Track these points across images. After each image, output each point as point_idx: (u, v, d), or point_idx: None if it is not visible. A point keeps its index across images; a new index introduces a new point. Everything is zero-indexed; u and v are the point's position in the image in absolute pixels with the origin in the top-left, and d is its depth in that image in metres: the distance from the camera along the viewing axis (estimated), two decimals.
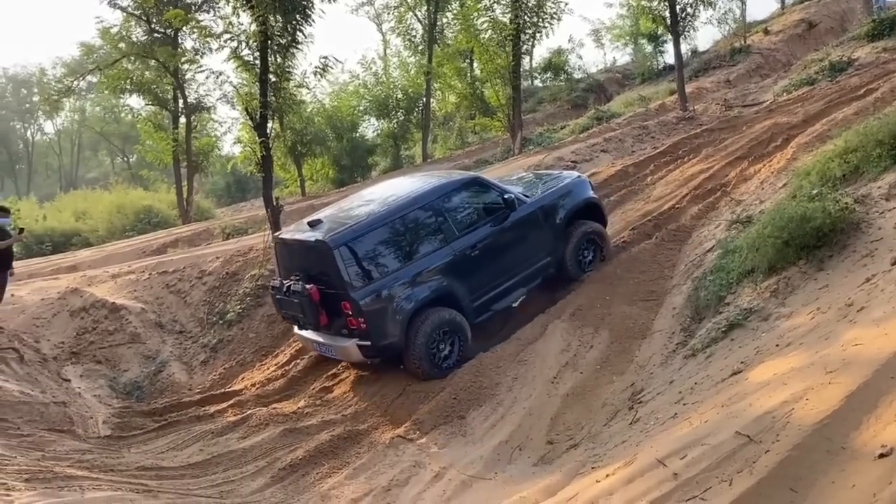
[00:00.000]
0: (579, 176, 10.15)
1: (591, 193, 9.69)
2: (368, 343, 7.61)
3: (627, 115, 20.55)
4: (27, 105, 66.54)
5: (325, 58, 13.70)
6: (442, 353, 7.93)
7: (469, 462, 6.09)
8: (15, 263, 11.15)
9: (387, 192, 8.94)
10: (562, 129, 22.75)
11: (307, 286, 7.71)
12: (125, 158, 57.67)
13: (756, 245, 6.92)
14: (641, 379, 6.80)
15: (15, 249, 11.52)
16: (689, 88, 20.22)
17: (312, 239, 7.85)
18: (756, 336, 5.83)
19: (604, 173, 13.23)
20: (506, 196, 8.64)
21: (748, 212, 8.91)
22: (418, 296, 7.87)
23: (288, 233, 8.78)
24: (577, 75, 34.63)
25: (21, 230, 11.02)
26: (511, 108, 20.87)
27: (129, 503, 5.19)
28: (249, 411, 8.01)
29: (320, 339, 8.11)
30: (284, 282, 8.15)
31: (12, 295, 11.56)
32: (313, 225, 8.14)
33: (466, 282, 8.22)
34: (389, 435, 6.85)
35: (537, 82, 37.44)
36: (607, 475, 4.04)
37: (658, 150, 14.09)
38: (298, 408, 7.87)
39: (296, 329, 8.65)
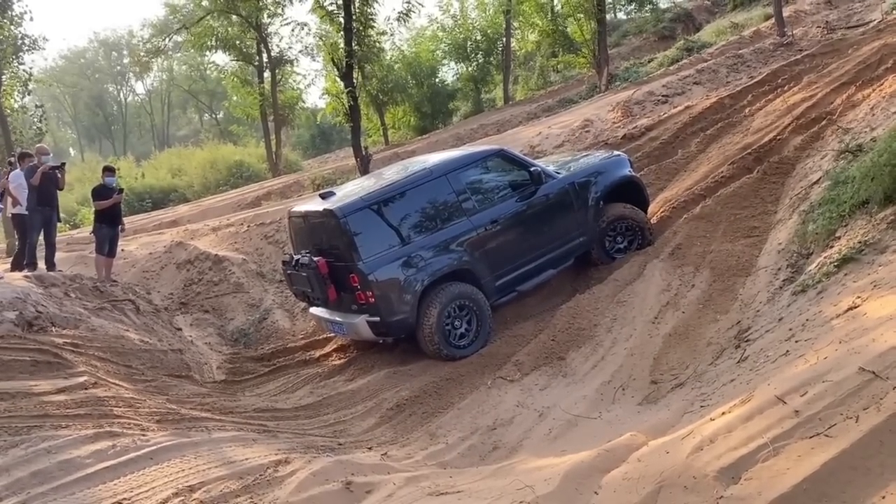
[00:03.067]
0: (618, 154, 9.63)
1: (630, 171, 9.06)
2: (378, 319, 7.37)
3: (720, 44, 19.66)
4: (118, 67, 69.17)
5: (409, 2, 13.60)
6: (458, 332, 7.61)
7: (572, 402, 6.13)
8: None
9: (410, 165, 8.70)
10: (649, 62, 22.00)
11: (315, 258, 7.55)
12: (213, 115, 59.39)
13: (871, 174, 6.54)
14: (747, 317, 6.63)
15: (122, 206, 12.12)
16: (786, 12, 19.11)
17: (321, 209, 7.65)
18: (872, 270, 5.56)
19: (698, 106, 12.75)
20: (531, 169, 8.19)
21: (858, 140, 8.42)
22: (431, 269, 7.54)
23: (300, 206, 8.64)
24: (663, 5, 33.25)
25: (121, 190, 11.55)
26: (596, 42, 20.30)
27: (252, 442, 5.50)
28: (353, 355, 8.29)
29: (331, 317, 7.93)
30: (294, 255, 8.04)
31: (122, 250, 12.25)
32: (325, 197, 7.96)
33: (487, 258, 7.84)
34: (490, 376, 6.96)
35: (621, 15, 36.21)
36: (723, 413, 4.00)
37: (755, 80, 13.44)
38: (399, 351, 8.08)
39: (310, 309, 8.53)
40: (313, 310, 8.41)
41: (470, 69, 31.82)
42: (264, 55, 27.67)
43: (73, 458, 4.93)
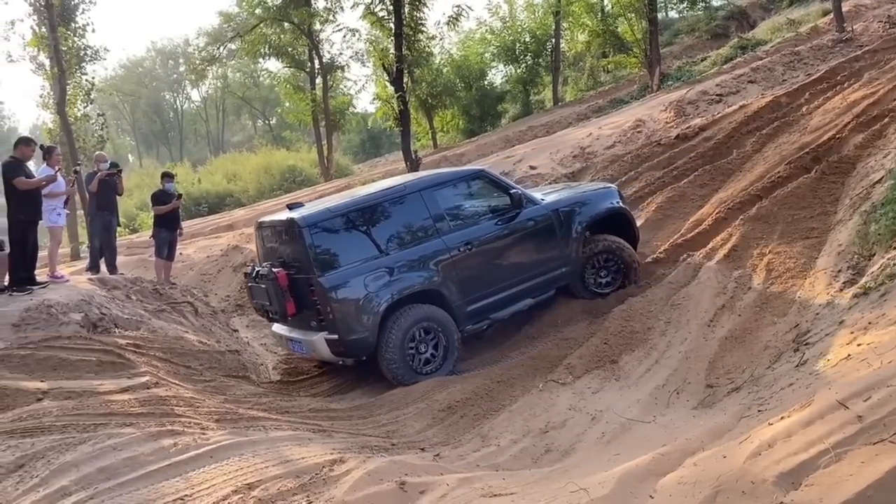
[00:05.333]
0: (608, 185, 9.38)
1: (618, 203, 8.73)
2: (336, 337, 7.08)
3: (775, 41, 19.26)
4: (174, 76, 70.95)
5: (459, 6, 13.70)
6: (422, 357, 7.33)
7: (626, 406, 6.07)
8: None
9: (388, 181, 8.52)
10: (702, 61, 21.72)
11: (275, 269, 7.24)
12: (266, 121, 60.50)
13: None
14: (806, 320, 6.48)
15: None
16: (845, 7, 18.63)
17: (284, 218, 7.47)
18: None
19: (754, 105, 12.53)
20: (512, 192, 7.92)
21: None
22: (396, 288, 7.22)
23: (267, 217, 8.51)
24: (716, 3, 32.65)
25: (180, 195, 11.89)
26: (648, 42, 20.07)
27: (308, 442, 5.59)
28: None
29: (290, 334, 7.70)
30: (256, 267, 7.80)
31: (180, 253, 12.60)
32: (292, 208, 7.79)
33: (458, 282, 7.53)
34: (542, 379, 6.93)
35: (672, 13, 35.69)
36: (782, 418, 3.92)
37: (813, 77, 13.14)
38: None
39: (273, 326, 8.28)
40: (275, 327, 8.16)
41: (519, 71, 31.77)
42: (316, 62, 28.07)
43: (137, 455, 5.09)
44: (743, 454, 3.59)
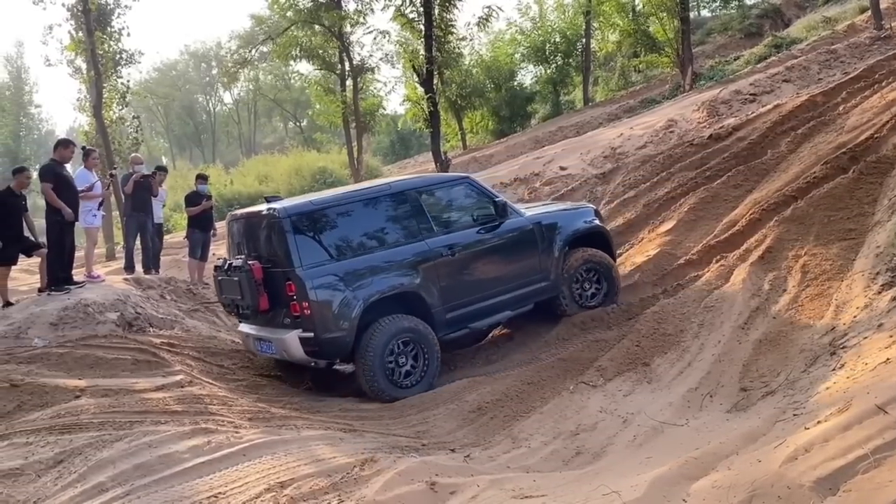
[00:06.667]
0: (586, 205, 9.43)
1: (595, 221, 8.79)
2: (311, 335, 6.85)
3: (811, 39, 18.96)
4: (207, 78, 71.85)
5: (489, 7, 13.69)
6: (402, 369, 7.15)
7: (658, 409, 6.00)
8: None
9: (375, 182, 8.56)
10: (735, 60, 21.47)
11: (250, 262, 7.02)
12: (297, 123, 60.99)
13: None
14: (843, 323, 6.36)
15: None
16: (883, 4, 18.27)
17: (263, 210, 7.31)
18: None
19: (789, 104, 12.33)
20: (497, 200, 7.92)
21: None
22: (376, 287, 7.07)
23: (242, 210, 8.45)
24: (750, 1, 32.24)
25: (209, 197, 12.07)
26: (680, 41, 19.89)
27: (339, 441, 5.63)
28: None
29: (258, 333, 7.45)
30: (228, 260, 7.60)
31: (213, 254, 12.72)
32: (270, 200, 7.64)
33: (439, 287, 7.42)
34: (573, 381, 6.89)
35: (705, 12, 35.33)
36: (818, 422, 3.87)
37: (850, 76, 12.90)
38: (482, 354, 8.10)
39: (240, 326, 8.02)
40: (242, 326, 7.95)
41: (549, 71, 31.66)
42: (346, 64, 28.21)
43: (172, 452, 5.17)
44: (778, 459, 3.55)
